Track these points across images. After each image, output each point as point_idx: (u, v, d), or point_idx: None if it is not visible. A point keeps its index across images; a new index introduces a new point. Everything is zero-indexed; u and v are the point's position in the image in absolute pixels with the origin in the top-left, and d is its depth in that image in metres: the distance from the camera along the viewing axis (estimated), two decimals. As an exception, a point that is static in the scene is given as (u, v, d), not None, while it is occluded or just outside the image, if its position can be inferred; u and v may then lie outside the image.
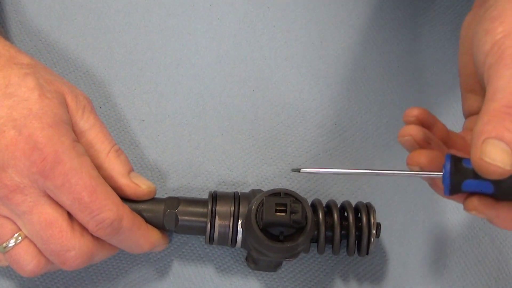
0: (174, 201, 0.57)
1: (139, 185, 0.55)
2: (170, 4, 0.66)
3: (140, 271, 0.60)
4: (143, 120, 0.63)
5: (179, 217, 0.56)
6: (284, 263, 0.60)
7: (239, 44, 0.66)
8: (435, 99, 0.67)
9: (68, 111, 0.54)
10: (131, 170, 0.56)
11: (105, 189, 0.52)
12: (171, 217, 0.56)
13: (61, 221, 0.51)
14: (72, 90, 0.55)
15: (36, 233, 0.51)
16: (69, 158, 0.50)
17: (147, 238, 0.55)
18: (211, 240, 0.57)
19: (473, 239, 0.63)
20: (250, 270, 0.61)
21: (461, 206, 0.49)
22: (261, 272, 0.61)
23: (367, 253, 0.57)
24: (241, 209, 0.56)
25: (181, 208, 0.56)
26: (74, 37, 0.65)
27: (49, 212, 0.51)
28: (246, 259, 0.58)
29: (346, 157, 0.64)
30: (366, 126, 0.65)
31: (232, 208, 0.56)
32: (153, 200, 0.57)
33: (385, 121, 0.66)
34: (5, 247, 0.52)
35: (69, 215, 0.52)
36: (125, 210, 0.53)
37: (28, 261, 0.52)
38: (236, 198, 0.57)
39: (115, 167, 0.55)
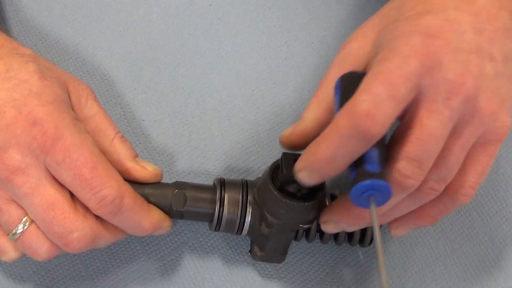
0: (182, 184, 0.56)
1: (146, 167, 0.55)
2: (170, 4, 0.66)
3: (140, 271, 0.60)
4: (143, 120, 0.63)
5: (187, 199, 0.56)
6: (286, 261, 0.60)
7: (239, 44, 0.66)
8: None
9: (70, 99, 0.54)
10: (136, 155, 0.56)
11: (106, 166, 0.51)
12: (179, 197, 0.56)
13: (64, 203, 0.51)
14: (73, 80, 0.55)
15: (39, 215, 0.51)
16: (70, 133, 0.50)
17: (149, 218, 0.54)
18: (217, 226, 0.56)
19: (473, 239, 0.64)
20: (251, 270, 0.61)
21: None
22: (261, 272, 0.61)
23: (370, 243, 0.57)
24: (249, 197, 0.56)
25: (188, 191, 0.56)
26: (74, 37, 0.65)
27: (51, 194, 0.51)
28: (250, 251, 0.58)
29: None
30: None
31: (241, 195, 0.56)
32: (160, 183, 0.56)
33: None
34: (14, 234, 0.52)
35: (72, 197, 0.52)
36: (127, 188, 0.52)
37: (41, 244, 0.52)
38: (244, 185, 0.56)
39: (121, 151, 0.55)
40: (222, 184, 0.56)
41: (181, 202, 0.55)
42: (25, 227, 0.52)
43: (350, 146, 0.46)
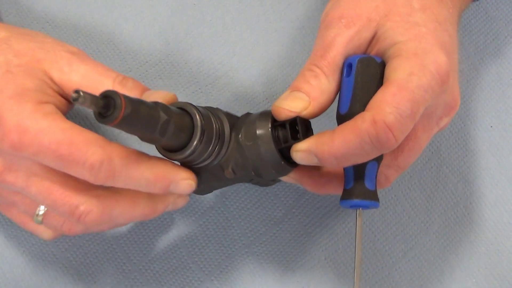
0: (167, 110, 0.49)
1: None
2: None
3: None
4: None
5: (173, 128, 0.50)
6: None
7: (243, 11, 0.66)
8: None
9: (51, 75, 0.52)
10: (143, 91, 0.54)
11: (83, 137, 0.49)
12: (167, 125, 0.49)
13: (58, 184, 0.50)
14: (50, 52, 0.53)
15: (42, 202, 0.51)
16: (34, 122, 0.49)
17: (151, 170, 0.51)
18: (190, 156, 0.52)
19: (490, 180, 0.65)
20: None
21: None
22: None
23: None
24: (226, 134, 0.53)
25: (174, 119, 0.50)
26: (81, 14, 0.65)
27: (43, 180, 0.50)
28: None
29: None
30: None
31: (215, 130, 0.52)
32: (149, 105, 0.49)
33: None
34: (37, 217, 0.52)
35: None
36: (113, 148, 0.50)
37: (61, 223, 0.53)
38: (217, 118, 0.53)
39: None
40: (202, 115, 0.52)
41: (166, 130, 0.49)
42: (41, 211, 0.52)
43: (365, 151, 0.49)
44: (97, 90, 0.49)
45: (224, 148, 0.53)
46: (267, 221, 0.62)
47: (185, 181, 0.53)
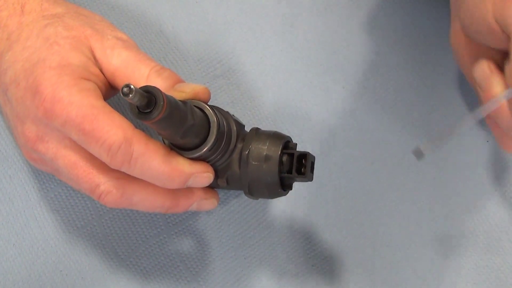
0: (193, 114, 0.50)
1: (183, 91, 0.53)
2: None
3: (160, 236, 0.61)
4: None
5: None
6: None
7: (245, 11, 0.66)
8: (441, 60, 0.67)
9: (94, 54, 0.54)
10: (176, 82, 0.54)
11: (110, 117, 0.50)
12: (193, 129, 0.50)
13: (84, 161, 0.52)
14: (99, 32, 0.54)
15: (66, 176, 0.53)
16: (68, 94, 0.50)
17: (170, 164, 0.51)
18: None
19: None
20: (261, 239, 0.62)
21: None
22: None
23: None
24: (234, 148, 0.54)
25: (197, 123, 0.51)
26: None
27: (71, 154, 0.52)
28: None
29: (355, 120, 0.65)
30: (373, 88, 0.66)
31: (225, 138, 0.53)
32: (185, 106, 0.50)
33: (392, 83, 0.66)
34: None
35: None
36: (135, 134, 0.50)
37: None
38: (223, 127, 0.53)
39: (157, 86, 0.50)
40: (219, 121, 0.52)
41: (187, 134, 0.50)
42: None
43: None
44: (132, 76, 0.52)
45: (226, 156, 0.54)
46: (256, 225, 0.62)
47: (203, 173, 0.53)
